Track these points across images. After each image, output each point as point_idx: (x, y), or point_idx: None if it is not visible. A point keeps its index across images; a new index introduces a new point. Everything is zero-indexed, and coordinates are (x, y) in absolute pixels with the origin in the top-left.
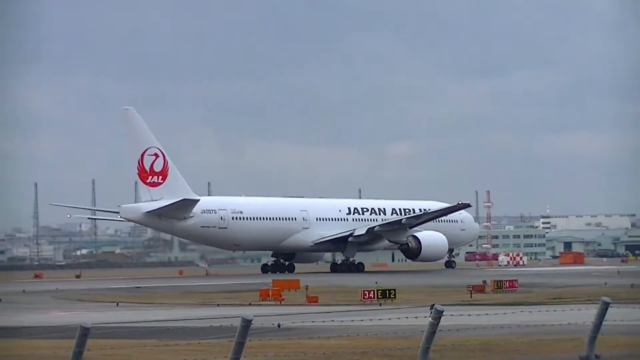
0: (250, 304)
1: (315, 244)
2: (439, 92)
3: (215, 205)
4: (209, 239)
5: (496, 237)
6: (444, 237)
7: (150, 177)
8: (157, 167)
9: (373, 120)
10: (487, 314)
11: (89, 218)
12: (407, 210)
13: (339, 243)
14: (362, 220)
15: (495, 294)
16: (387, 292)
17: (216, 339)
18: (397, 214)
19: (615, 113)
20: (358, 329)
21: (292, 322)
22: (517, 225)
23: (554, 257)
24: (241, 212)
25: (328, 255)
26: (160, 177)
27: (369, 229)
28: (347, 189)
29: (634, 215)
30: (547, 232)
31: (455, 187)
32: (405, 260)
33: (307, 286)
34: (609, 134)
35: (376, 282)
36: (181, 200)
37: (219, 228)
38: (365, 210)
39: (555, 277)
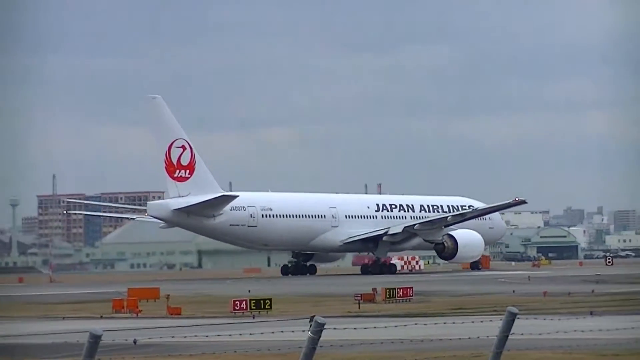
0: (101, 317)
1: (345, 243)
2: (327, 70)
3: (245, 202)
4: (237, 238)
5: None
6: (479, 236)
7: (177, 171)
8: (185, 161)
9: (249, 101)
10: (375, 327)
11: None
12: (435, 207)
13: (369, 242)
14: (391, 217)
15: (386, 303)
16: (262, 302)
17: (60, 359)
18: (426, 211)
19: (525, 94)
20: (226, 345)
21: (150, 338)
22: None
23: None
24: (271, 209)
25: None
26: (188, 171)
27: (405, 227)
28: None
29: (547, 212)
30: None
31: (342, 178)
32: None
33: (168, 296)
34: (517, 117)
35: (249, 291)
36: (221, 196)
37: (249, 226)
38: (394, 206)
39: (456, 283)
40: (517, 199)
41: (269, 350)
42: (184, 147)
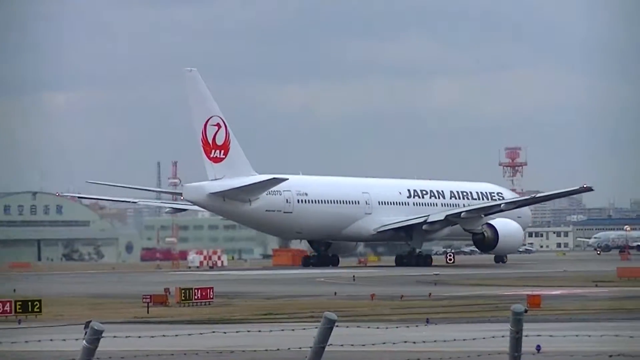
0: None
1: (378, 232)
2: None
3: (280, 186)
4: (272, 225)
5: (185, 227)
6: (519, 225)
7: (213, 151)
8: (219, 140)
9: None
10: (165, 336)
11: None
12: (464, 194)
13: (402, 231)
14: (422, 204)
15: (182, 306)
16: (30, 303)
17: None
18: (456, 198)
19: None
20: None
21: None
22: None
23: (266, 256)
24: (306, 194)
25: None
26: (222, 152)
27: (447, 215)
28: None
29: None
30: None
31: (120, 155)
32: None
33: None
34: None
35: (14, 290)
36: (271, 178)
37: (284, 212)
38: (424, 192)
39: (267, 284)
40: (584, 184)
41: None
42: (218, 125)
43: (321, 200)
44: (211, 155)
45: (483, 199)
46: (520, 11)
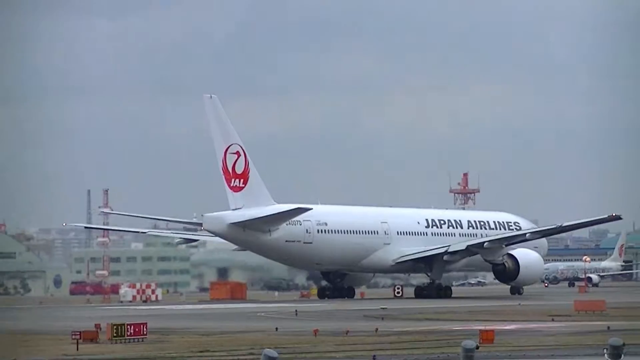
0: None
1: (397, 263)
2: None
3: (301, 216)
4: (292, 255)
5: (117, 259)
6: (539, 256)
7: (233, 180)
8: (239, 169)
9: None
10: None
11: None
12: (482, 224)
13: (421, 262)
14: (440, 234)
15: (113, 343)
16: None
17: None
18: (474, 228)
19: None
20: None
21: None
22: (149, 243)
23: (203, 289)
24: (326, 224)
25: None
26: (242, 181)
27: (469, 245)
28: None
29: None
30: (192, 254)
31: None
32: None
33: None
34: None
35: None
36: (295, 208)
37: (304, 243)
38: (442, 222)
39: (204, 319)
40: (614, 214)
41: None
42: (238, 154)
43: (341, 231)
44: (231, 185)
45: (501, 228)
46: (480, 31)
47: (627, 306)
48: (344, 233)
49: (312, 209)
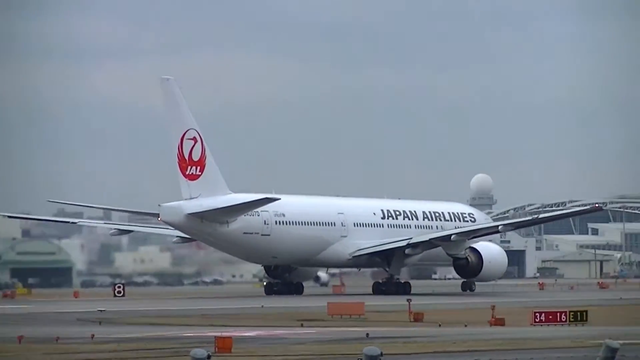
0: None
1: (354, 257)
2: None
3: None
4: (249, 248)
5: None
6: (502, 250)
7: (189, 167)
8: (196, 156)
9: None
10: None
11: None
12: (437, 215)
13: (378, 256)
14: (396, 226)
15: None
16: None
17: None
18: (429, 219)
19: None
20: None
21: None
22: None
23: None
24: (283, 215)
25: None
26: (199, 169)
27: (433, 238)
28: None
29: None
30: None
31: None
32: None
33: None
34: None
35: None
36: (263, 198)
37: (262, 235)
38: (398, 214)
39: None
40: (597, 204)
41: None
42: (195, 139)
43: (299, 222)
44: (187, 172)
45: (455, 220)
46: None
47: (387, 309)
48: (302, 225)
49: (280, 199)
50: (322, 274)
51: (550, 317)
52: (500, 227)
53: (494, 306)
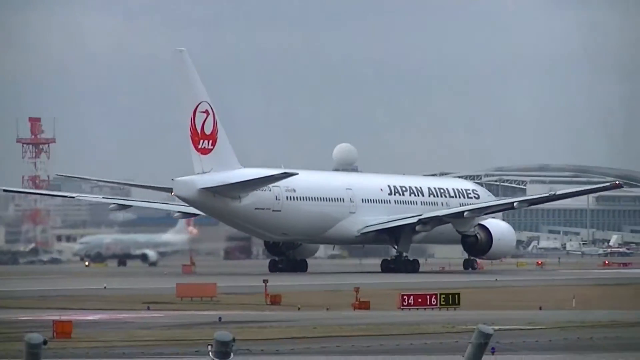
0: None
1: (362, 234)
2: None
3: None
4: (261, 224)
5: None
6: (510, 226)
7: (201, 141)
8: (208, 129)
9: None
10: None
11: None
12: (442, 191)
13: (387, 234)
14: (403, 202)
15: None
16: None
17: None
18: (435, 196)
19: None
20: None
21: None
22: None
23: None
24: (294, 191)
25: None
26: (211, 142)
27: (446, 215)
28: None
29: None
30: None
31: None
32: None
33: None
34: None
35: None
36: (282, 173)
37: (273, 210)
38: (404, 190)
39: None
40: (617, 182)
41: None
42: (207, 112)
43: (309, 198)
44: (199, 147)
45: (460, 196)
46: None
47: (241, 291)
48: (312, 200)
49: (297, 174)
50: (150, 252)
51: (420, 300)
52: (515, 204)
53: (357, 288)
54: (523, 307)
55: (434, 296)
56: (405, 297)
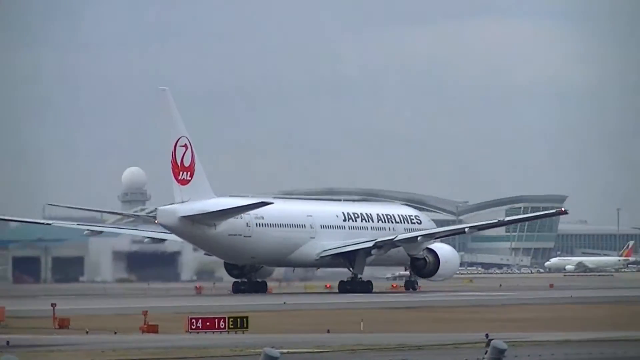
0: None
1: (320, 257)
2: None
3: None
4: (233, 249)
5: None
6: (454, 250)
7: (181, 172)
8: (187, 162)
9: None
10: None
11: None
12: (388, 217)
13: (343, 257)
14: (356, 228)
15: None
16: None
17: None
18: (382, 221)
19: None
20: None
21: None
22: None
23: None
24: (263, 218)
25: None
26: (189, 174)
27: (398, 240)
28: None
29: None
30: None
31: None
32: None
33: None
34: None
35: None
36: (260, 202)
37: (244, 236)
38: (357, 216)
39: None
40: (562, 209)
41: None
42: (186, 146)
43: (276, 224)
44: (179, 178)
45: (404, 222)
46: None
47: (29, 315)
48: (278, 227)
49: (273, 202)
50: None
51: (208, 323)
52: (466, 230)
53: (146, 312)
54: (311, 330)
55: (222, 320)
56: (193, 320)
